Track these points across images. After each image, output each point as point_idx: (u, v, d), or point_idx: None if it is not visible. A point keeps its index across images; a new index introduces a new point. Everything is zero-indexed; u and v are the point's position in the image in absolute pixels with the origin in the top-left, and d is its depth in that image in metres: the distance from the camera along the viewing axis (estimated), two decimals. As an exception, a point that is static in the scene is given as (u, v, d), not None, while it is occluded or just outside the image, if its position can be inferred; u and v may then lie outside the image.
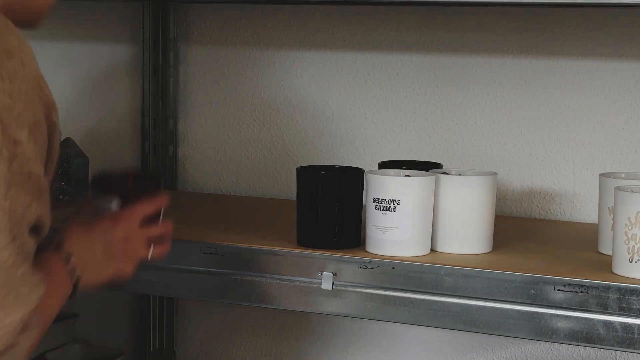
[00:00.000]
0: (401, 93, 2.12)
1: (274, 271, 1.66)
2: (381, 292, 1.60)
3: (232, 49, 2.24)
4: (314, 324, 2.22)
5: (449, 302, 1.57)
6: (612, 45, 1.96)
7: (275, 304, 1.68)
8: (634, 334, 1.47)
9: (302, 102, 2.19)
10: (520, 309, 1.53)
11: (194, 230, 1.79)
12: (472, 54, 2.06)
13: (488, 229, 1.67)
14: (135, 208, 1.47)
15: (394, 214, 1.61)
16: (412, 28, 2.10)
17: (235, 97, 2.25)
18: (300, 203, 1.69)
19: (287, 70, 2.20)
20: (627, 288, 1.48)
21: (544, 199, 2.04)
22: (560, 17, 1.99)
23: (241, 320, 2.28)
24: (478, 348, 2.11)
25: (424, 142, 2.11)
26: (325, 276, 1.62)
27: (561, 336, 1.51)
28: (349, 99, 2.16)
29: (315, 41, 2.17)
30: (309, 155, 2.19)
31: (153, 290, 1.89)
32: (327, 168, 1.78)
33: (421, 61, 2.10)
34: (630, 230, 1.51)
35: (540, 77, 2.02)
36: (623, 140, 1.98)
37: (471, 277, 1.55)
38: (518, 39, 2.02)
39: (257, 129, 2.24)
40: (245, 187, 2.26)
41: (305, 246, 1.67)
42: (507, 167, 2.05)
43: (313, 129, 2.19)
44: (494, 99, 2.06)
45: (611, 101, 1.98)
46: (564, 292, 1.51)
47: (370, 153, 2.14)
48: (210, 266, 1.69)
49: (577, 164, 2.01)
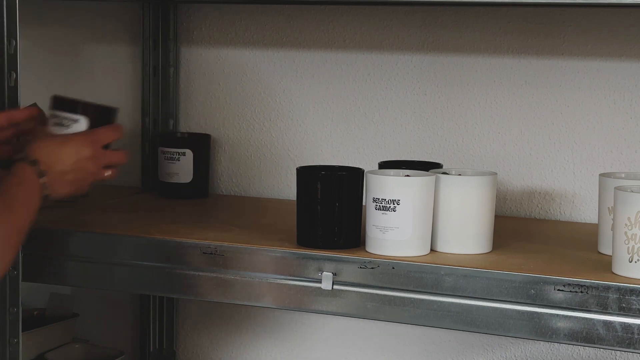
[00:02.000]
0: (401, 93, 2.12)
1: (274, 271, 1.66)
2: (381, 292, 1.60)
3: (232, 49, 2.24)
4: (314, 324, 2.22)
5: (448, 302, 1.57)
6: (612, 45, 1.96)
7: (275, 304, 1.68)
8: (634, 334, 1.47)
9: (302, 102, 2.19)
10: (520, 309, 1.53)
11: (193, 230, 1.79)
12: (472, 53, 2.06)
13: (488, 229, 1.67)
14: (102, 132, 1.64)
15: (394, 214, 1.61)
16: (412, 28, 2.10)
17: (235, 97, 2.25)
18: (300, 203, 1.69)
19: (287, 70, 2.20)
20: (626, 288, 1.48)
21: (544, 199, 2.04)
22: (560, 17, 1.99)
23: (241, 320, 2.28)
24: (478, 348, 2.11)
25: (424, 142, 2.11)
26: (325, 276, 1.62)
27: (561, 336, 1.51)
28: (348, 99, 2.16)
29: (315, 41, 2.17)
30: (308, 155, 2.19)
31: (153, 290, 1.88)
32: (327, 168, 1.78)
33: (421, 61, 2.10)
34: (630, 230, 1.51)
35: (540, 77, 2.02)
36: (623, 140, 1.98)
37: (471, 277, 1.55)
38: (518, 39, 2.02)
39: (257, 129, 2.24)
40: (245, 187, 2.26)
41: (305, 246, 1.67)
42: (507, 167, 2.05)
43: (313, 129, 2.19)
44: (494, 98, 2.06)
45: (611, 101, 1.98)
46: (563, 292, 1.51)
47: (370, 153, 2.14)
48: (210, 266, 1.69)
49: (577, 164, 2.01)
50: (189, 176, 2.15)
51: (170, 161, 2.15)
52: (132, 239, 1.75)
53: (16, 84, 1.71)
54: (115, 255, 1.76)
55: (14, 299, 1.74)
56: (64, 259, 1.79)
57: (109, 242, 1.77)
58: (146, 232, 1.77)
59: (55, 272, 1.80)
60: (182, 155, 2.14)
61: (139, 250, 1.74)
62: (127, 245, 1.75)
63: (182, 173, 2.14)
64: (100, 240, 1.77)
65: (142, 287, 1.80)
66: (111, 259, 1.76)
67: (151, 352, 2.31)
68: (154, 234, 1.75)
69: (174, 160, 2.14)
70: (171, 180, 2.15)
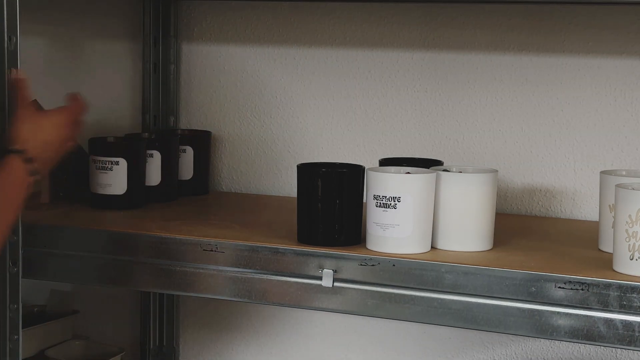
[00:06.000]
0: (402, 90, 2.12)
1: (275, 268, 1.66)
2: (381, 290, 1.60)
3: (233, 45, 2.24)
4: (315, 321, 2.22)
5: (449, 299, 1.57)
6: (613, 43, 1.96)
7: (275, 301, 1.68)
8: (635, 331, 1.47)
9: (302, 99, 2.19)
10: (520, 306, 1.53)
11: (194, 227, 1.79)
12: (473, 51, 2.06)
13: (489, 227, 1.67)
14: (74, 103, 1.72)
15: (395, 211, 1.61)
16: (413, 25, 2.10)
17: (236, 94, 2.25)
18: (301, 200, 1.69)
19: (288, 67, 2.20)
20: (627, 285, 1.48)
21: (545, 197, 2.04)
22: (561, 14, 1.99)
23: (241, 317, 2.28)
24: (478, 345, 2.11)
25: (425, 139, 2.11)
26: (326, 273, 1.62)
27: (562, 334, 1.51)
28: (349, 96, 2.16)
29: (315, 38, 2.17)
30: (309, 152, 2.19)
31: (153, 287, 1.88)
32: (328, 165, 1.77)
33: (422, 58, 2.10)
34: (631, 228, 1.51)
35: (541, 74, 2.02)
36: (624, 138, 1.98)
37: (472, 274, 1.55)
38: (519, 36, 2.02)
39: (257, 126, 2.24)
40: (245, 184, 2.26)
41: (306, 243, 1.67)
42: (508, 164, 2.05)
43: (313, 126, 2.19)
44: (494, 96, 2.05)
45: (612, 99, 1.98)
46: (564, 289, 1.50)
47: (371, 150, 2.14)
48: (210, 263, 1.69)
49: (578, 162, 2.01)
50: (189, 173, 2.15)
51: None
52: (132, 235, 1.75)
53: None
54: (116, 252, 1.76)
55: (14, 295, 1.74)
56: (64, 255, 1.79)
57: (109, 239, 1.76)
58: (146, 229, 1.77)
59: (56, 269, 1.80)
60: (183, 152, 2.14)
61: (139, 247, 1.74)
62: (127, 241, 1.75)
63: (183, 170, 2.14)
64: (100, 237, 1.77)
65: (143, 284, 1.80)
66: (111, 256, 1.76)
67: (151, 349, 2.32)
68: (154, 231, 1.75)
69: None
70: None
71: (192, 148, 2.15)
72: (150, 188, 2.03)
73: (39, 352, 2.09)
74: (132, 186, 1.96)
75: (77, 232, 1.78)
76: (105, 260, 1.77)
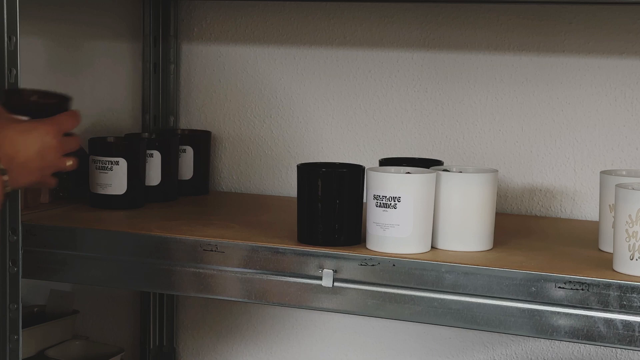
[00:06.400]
0: (402, 90, 2.12)
1: (275, 268, 1.66)
2: (382, 290, 1.60)
3: (233, 45, 2.24)
4: (315, 321, 2.22)
5: (449, 299, 1.57)
6: (614, 43, 1.96)
7: (275, 301, 1.68)
8: (635, 331, 1.47)
9: (302, 99, 2.19)
10: (521, 306, 1.53)
11: (194, 227, 1.79)
12: (473, 50, 2.06)
13: (489, 226, 1.67)
14: (63, 119, 1.58)
15: (395, 211, 1.61)
16: (413, 25, 2.10)
17: (236, 93, 2.25)
18: (301, 200, 1.69)
19: (288, 67, 2.20)
20: (627, 285, 1.48)
21: (545, 196, 2.04)
22: (561, 14, 1.99)
23: (241, 317, 2.28)
24: (478, 345, 2.11)
25: (425, 139, 2.11)
26: (326, 273, 1.62)
27: (562, 334, 1.51)
28: (349, 95, 2.16)
29: (315, 38, 2.17)
30: (309, 152, 2.19)
31: (153, 287, 1.88)
32: (328, 165, 1.77)
33: (422, 58, 2.10)
34: (631, 228, 1.50)
35: (541, 74, 2.02)
36: (624, 138, 1.98)
37: (472, 274, 1.55)
38: (519, 36, 2.02)
39: (257, 126, 2.24)
40: (245, 183, 2.26)
41: (306, 243, 1.67)
42: (508, 164, 2.05)
43: (313, 126, 2.19)
44: (495, 96, 2.05)
45: (612, 98, 1.98)
46: (564, 289, 1.50)
47: (371, 150, 2.14)
48: (210, 263, 1.69)
49: (578, 161, 2.01)
50: (190, 173, 2.15)
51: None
52: (132, 235, 1.75)
53: (16, 81, 1.71)
54: (116, 252, 1.76)
55: (14, 295, 1.74)
56: (64, 256, 1.79)
57: (109, 239, 1.76)
58: (146, 229, 1.77)
59: (56, 269, 1.80)
60: (183, 152, 2.14)
61: (139, 247, 1.74)
62: (128, 242, 1.75)
63: (183, 170, 2.14)
64: (100, 237, 1.77)
65: (143, 284, 1.80)
66: (111, 256, 1.76)
67: (151, 349, 2.31)
68: (154, 231, 1.75)
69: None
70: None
71: (192, 148, 2.15)
72: (150, 188, 2.03)
73: (38, 352, 2.09)
74: (132, 186, 1.96)
75: (77, 232, 1.78)
76: (105, 261, 1.77)
